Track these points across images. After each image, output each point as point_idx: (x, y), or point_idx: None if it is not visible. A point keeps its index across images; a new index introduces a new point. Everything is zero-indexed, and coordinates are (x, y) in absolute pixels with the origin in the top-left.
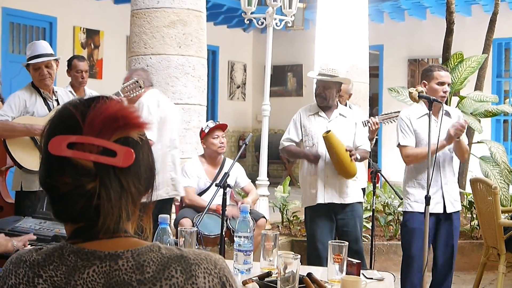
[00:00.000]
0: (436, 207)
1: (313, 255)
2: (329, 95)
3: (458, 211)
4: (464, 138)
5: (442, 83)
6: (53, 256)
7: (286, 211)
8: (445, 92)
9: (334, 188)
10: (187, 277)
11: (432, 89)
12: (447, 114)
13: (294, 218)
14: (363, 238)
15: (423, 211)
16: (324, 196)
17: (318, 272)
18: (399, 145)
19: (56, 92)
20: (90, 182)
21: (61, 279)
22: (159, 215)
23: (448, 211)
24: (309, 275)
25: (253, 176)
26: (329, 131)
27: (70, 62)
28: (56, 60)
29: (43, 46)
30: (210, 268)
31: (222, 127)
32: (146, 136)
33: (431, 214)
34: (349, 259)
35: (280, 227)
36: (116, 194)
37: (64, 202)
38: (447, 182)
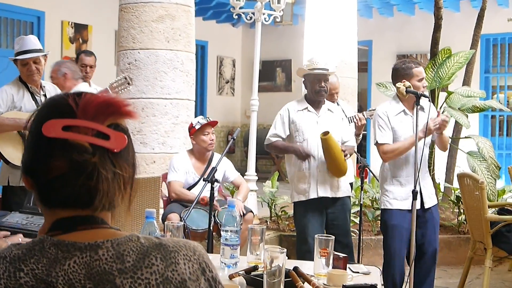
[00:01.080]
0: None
1: (303, 249)
2: (328, 88)
3: (436, 204)
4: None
5: (421, 79)
6: (33, 250)
7: (275, 206)
8: (424, 87)
9: (326, 182)
10: (167, 264)
11: (414, 86)
12: (421, 108)
13: (283, 213)
14: (351, 232)
15: (403, 208)
16: (317, 191)
17: (305, 266)
18: (377, 143)
19: (44, 87)
20: (91, 158)
21: (42, 271)
22: (146, 210)
23: (426, 206)
24: (295, 269)
25: (241, 171)
26: (328, 132)
27: (77, 56)
28: (45, 55)
29: (32, 41)
30: (189, 255)
31: (213, 124)
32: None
33: (409, 211)
34: (336, 253)
35: (268, 222)
36: (111, 175)
37: (55, 185)
38: (423, 178)
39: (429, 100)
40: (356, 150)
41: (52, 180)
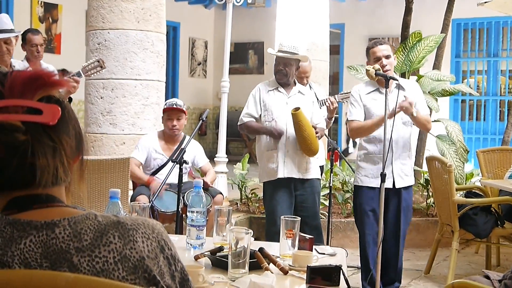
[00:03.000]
0: (386, 182)
1: (272, 230)
2: (289, 71)
3: (409, 186)
4: (423, 110)
5: (378, 58)
6: None
7: (245, 188)
8: (384, 66)
9: (294, 163)
10: (125, 242)
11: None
12: (401, 88)
13: (253, 195)
14: (320, 215)
15: (372, 186)
16: (284, 171)
17: (272, 247)
18: (347, 121)
19: (14, 66)
20: (21, 137)
21: None
22: (110, 189)
23: (397, 185)
24: (261, 250)
25: (213, 153)
26: (298, 108)
27: (24, 36)
28: (16, 36)
29: (4, 21)
30: (148, 233)
31: (177, 110)
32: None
33: (378, 189)
34: (302, 234)
35: (238, 204)
36: (49, 149)
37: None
38: (398, 157)
39: (397, 83)
40: (327, 133)
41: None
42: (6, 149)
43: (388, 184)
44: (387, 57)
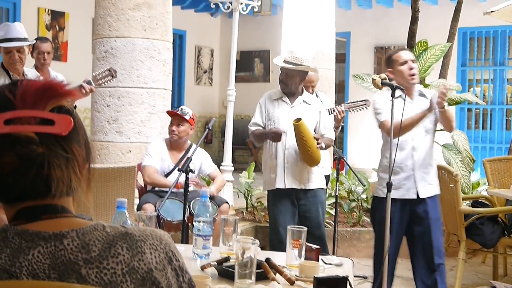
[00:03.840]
0: (409, 193)
1: (275, 240)
2: (290, 82)
3: (435, 195)
4: (450, 107)
5: (404, 62)
6: None
7: (251, 197)
8: (411, 69)
9: (294, 173)
10: (134, 253)
11: (398, 72)
12: (422, 95)
13: (259, 204)
14: (326, 224)
15: (395, 197)
16: (284, 181)
17: (278, 257)
18: (380, 124)
19: (26, 75)
20: (37, 149)
21: (5, 261)
22: (117, 199)
23: (421, 195)
24: (267, 260)
25: (219, 161)
26: (300, 119)
27: (33, 44)
28: (29, 44)
29: (17, 29)
30: (156, 244)
31: (179, 117)
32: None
33: (404, 200)
34: (308, 244)
35: (244, 213)
36: (63, 160)
37: (9, 180)
38: (420, 166)
39: (403, 91)
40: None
41: (5, 176)
42: (20, 161)
43: (411, 195)
44: (413, 61)
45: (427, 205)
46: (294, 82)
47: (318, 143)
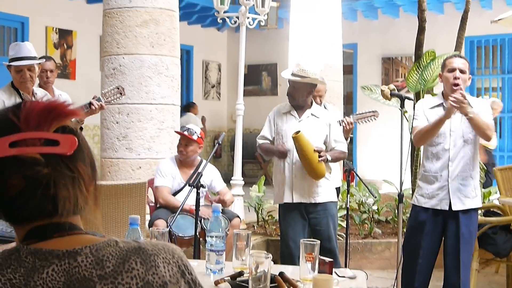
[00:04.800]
0: (441, 204)
1: (286, 253)
2: (297, 95)
3: (472, 209)
4: (482, 113)
5: (452, 69)
6: (10, 259)
7: (261, 211)
8: (456, 78)
9: (302, 187)
10: (147, 267)
11: (444, 78)
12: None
13: (269, 217)
14: (338, 236)
15: (426, 207)
16: (292, 196)
17: (290, 271)
18: (412, 129)
19: (36, 94)
20: (43, 170)
21: (20, 281)
22: (130, 216)
23: (454, 208)
24: (281, 274)
25: (228, 175)
26: (299, 131)
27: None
28: (39, 63)
29: (28, 49)
30: (169, 258)
31: (185, 137)
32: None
33: (436, 210)
34: (322, 257)
35: (255, 227)
36: (69, 179)
37: (16, 202)
38: (456, 177)
39: (414, 102)
40: None
41: (12, 198)
42: (28, 182)
43: (443, 206)
44: (462, 71)
45: (459, 220)
46: (301, 95)
47: (320, 156)
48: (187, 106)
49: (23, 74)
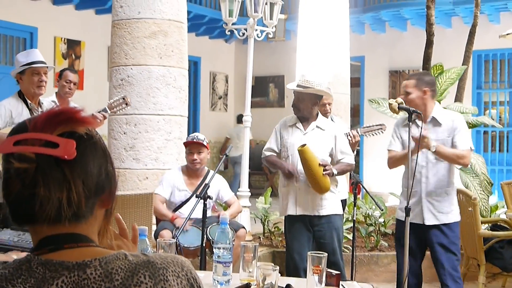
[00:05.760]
0: (416, 218)
1: (291, 265)
2: (302, 106)
3: (446, 224)
4: (461, 144)
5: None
6: (21, 270)
7: (268, 222)
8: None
9: (307, 200)
10: (156, 281)
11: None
12: (434, 120)
13: (276, 229)
14: (344, 249)
15: (402, 220)
16: (295, 208)
17: (297, 283)
18: (388, 152)
19: (42, 104)
20: (28, 166)
21: None
22: (138, 227)
23: (426, 223)
24: (288, 286)
25: (235, 186)
26: (304, 145)
27: (61, 72)
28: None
29: (40, 54)
30: (178, 271)
31: (198, 144)
32: (100, 136)
33: (415, 224)
34: (329, 270)
35: (261, 238)
36: (54, 182)
37: (12, 198)
38: (430, 194)
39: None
40: None
41: (13, 199)
42: (17, 177)
43: (418, 220)
44: (407, 92)
45: (439, 231)
46: (306, 106)
47: (325, 170)
48: (239, 117)
49: (41, 77)
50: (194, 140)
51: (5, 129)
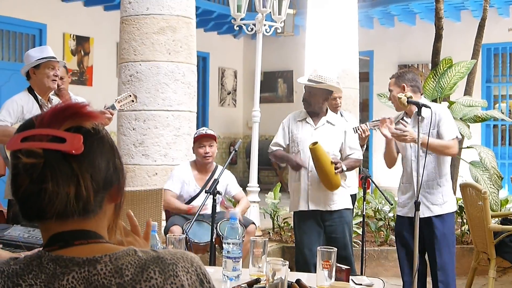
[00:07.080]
0: (411, 212)
1: (300, 261)
2: (314, 101)
3: (439, 215)
4: (447, 134)
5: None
6: (31, 265)
7: (277, 218)
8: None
9: (318, 196)
10: (166, 277)
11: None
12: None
13: (285, 224)
14: (354, 244)
15: (401, 215)
16: (307, 204)
17: (307, 278)
18: None
19: (52, 100)
20: (36, 161)
21: (41, 287)
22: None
23: (421, 216)
24: (298, 281)
25: (244, 182)
26: (316, 142)
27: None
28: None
29: (50, 50)
30: (187, 267)
31: (209, 137)
32: (106, 131)
33: (410, 218)
34: (338, 265)
35: (271, 234)
36: (63, 176)
37: (21, 193)
38: (423, 186)
39: (431, 110)
40: None
41: (22, 196)
42: (25, 172)
43: (412, 213)
44: (390, 91)
45: (433, 224)
46: (317, 101)
47: (336, 167)
48: None
49: (56, 72)
50: (206, 132)
51: (16, 125)
